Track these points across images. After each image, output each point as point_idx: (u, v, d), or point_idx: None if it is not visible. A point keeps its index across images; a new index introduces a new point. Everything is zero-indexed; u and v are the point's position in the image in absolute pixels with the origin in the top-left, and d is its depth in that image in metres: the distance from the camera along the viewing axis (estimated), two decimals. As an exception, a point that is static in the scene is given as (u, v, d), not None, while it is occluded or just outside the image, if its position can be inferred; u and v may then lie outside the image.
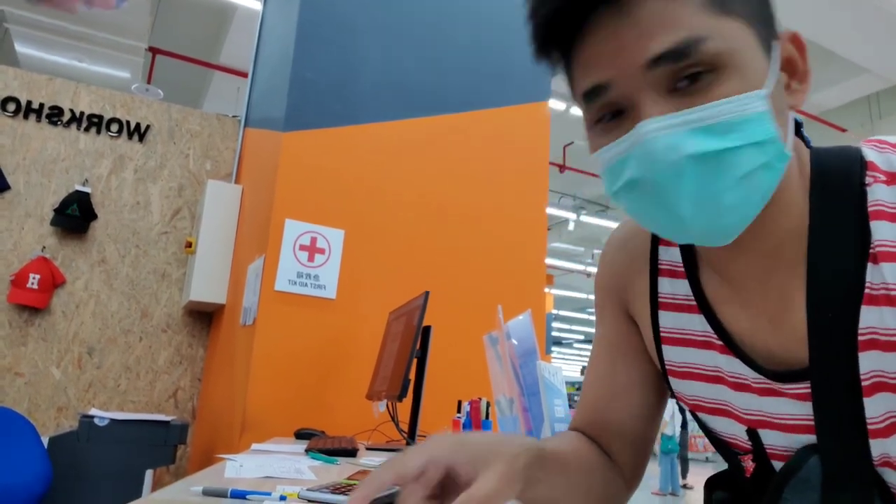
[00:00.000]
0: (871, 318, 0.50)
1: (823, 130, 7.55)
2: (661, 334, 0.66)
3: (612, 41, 0.49)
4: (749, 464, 0.61)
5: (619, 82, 0.49)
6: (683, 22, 0.47)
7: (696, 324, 0.62)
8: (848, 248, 0.52)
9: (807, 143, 0.58)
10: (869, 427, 0.51)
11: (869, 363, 0.51)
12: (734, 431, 0.62)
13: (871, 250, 0.51)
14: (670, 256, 0.65)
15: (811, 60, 0.55)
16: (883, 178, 0.52)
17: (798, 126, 0.56)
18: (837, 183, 0.53)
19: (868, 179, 0.53)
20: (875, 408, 0.51)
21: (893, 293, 0.50)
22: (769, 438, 0.59)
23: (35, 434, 2.26)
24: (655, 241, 0.67)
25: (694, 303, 0.62)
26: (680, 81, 0.48)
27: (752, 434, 0.60)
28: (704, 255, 0.61)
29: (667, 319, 0.65)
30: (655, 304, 0.66)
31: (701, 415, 0.65)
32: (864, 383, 0.51)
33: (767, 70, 0.50)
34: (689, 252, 0.63)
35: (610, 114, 0.52)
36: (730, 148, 0.47)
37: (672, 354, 0.65)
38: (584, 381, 0.76)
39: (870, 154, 0.54)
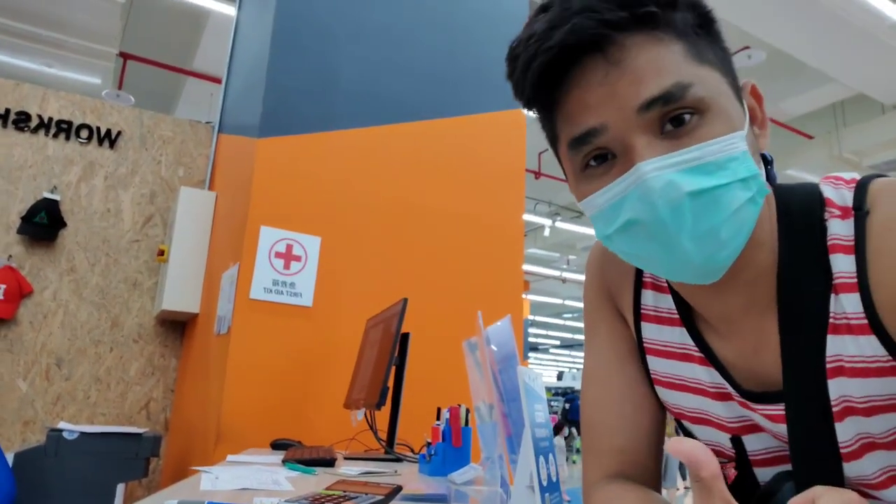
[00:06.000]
0: (836, 347, 0.54)
1: (791, 137, 7.75)
2: (644, 345, 0.68)
3: (604, 87, 0.51)
4: (731, 471, 0.63)
5: (613, 126, 0.51)
6: (671, 69, 0.50)
7: (676, 336, 0.64)
8: (814, 281, 0.55)
9: (773, 179, 0.60)
10: (841, 451, 0.54)
11: (837, 389, 0.54)
12: (718, 439, 0.64)
13: (832, 282, 0.54)
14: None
15: (783, 69, 0.57)
16: (838, 213, 0.56)
17: (769, 162, 0.59)
18: (801, 220, 0.57)
19: (826, 215, 0.56)
20: (845, 432, 0.54)
21: (853, 322, 0.53)
22: (753, 444, 0.61)
23: None
24: None
25: (676, 316, 0.64)
26: (666, 125, 0.51)
27: (736, 441, 0.62)
28: (687, 297, 0.63)
29: (649, 331, 0.67)
30: (638, 316, 0.68)
31: (685, 423, 0.67)
32: (834, 409, 0.54)
33: (743, 114, 0.53)
34: None
35: (594, 160, 0.54)
36: (721, 185, 0.50)
37: (656, 365, 0.67)
38: (592, 401, 0.71)
39: (827, 191, 0.58)
